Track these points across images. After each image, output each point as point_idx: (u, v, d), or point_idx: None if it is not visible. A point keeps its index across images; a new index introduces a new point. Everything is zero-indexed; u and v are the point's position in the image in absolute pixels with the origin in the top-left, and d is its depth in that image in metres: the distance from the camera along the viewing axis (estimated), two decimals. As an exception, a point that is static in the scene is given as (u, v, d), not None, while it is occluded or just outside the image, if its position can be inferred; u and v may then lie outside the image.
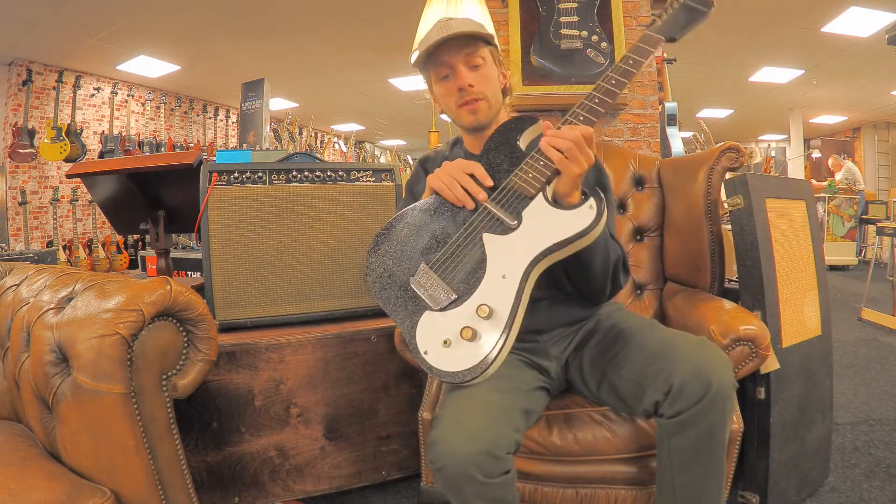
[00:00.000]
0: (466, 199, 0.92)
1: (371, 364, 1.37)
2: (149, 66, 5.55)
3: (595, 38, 1.95)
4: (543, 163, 0.88)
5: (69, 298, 0.92)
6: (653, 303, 1.51)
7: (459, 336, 0.83)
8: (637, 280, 1.53)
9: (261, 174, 1.37)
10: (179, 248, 3.17)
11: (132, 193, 1.67)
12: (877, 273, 4.35)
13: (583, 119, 0.90)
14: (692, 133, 3.30)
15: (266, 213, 1.36)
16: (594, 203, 0.85)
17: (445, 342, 0.84)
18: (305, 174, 1.40)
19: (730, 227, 1.36)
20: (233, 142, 7.23)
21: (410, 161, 6.87)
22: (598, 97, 0.91)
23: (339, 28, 4.80)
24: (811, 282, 1.44)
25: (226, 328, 1.33)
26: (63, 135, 5.16)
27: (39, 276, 1.06)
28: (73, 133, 5.26)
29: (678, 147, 2.62)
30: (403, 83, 6.56)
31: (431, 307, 0.87)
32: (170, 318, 0.89)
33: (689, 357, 0.86)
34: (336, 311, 1.42)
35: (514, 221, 0.88)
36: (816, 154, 9.10)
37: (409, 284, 0.91)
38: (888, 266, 4.59)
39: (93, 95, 5.68)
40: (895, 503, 1.37)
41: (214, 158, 2.16)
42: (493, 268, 0.86)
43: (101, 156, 5.38)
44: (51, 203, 4.99)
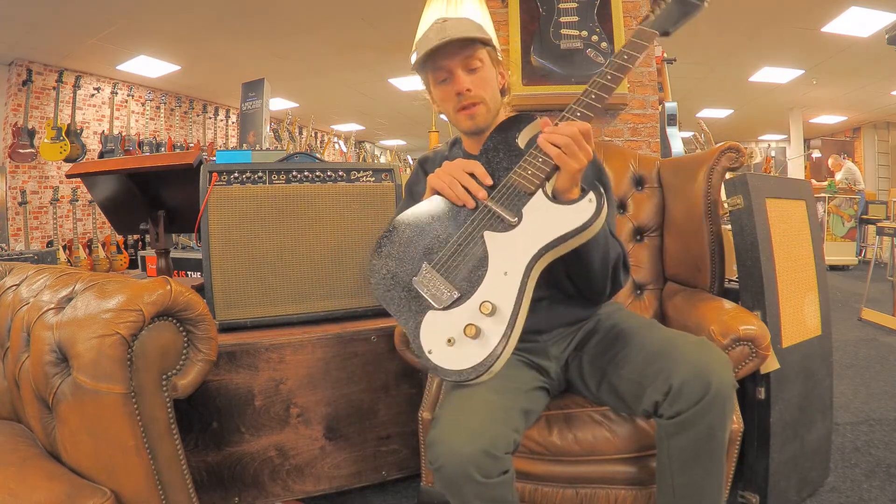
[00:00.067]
0: (467, 198, 0.93)
1: (371, 364, 1.37)
2: (149, 66, 5.55)
3: (595, 38, 1.95)
4: (542, 159, 0.88)
5: (69, 298, 0.92)
6: (653, 303, 1.51)
7: (463, 334, 0.83)
8: (637, 280, 1.53)
9: (261, 174, 1.37)
10: (179, 248, 3.17)
11: (132, 193, 1.67)
12: (877, 273, 4.35)
13: (580, 115, 0.90)
14: (692, 133, 3.31)
15: (266, 213, 1.36)
16: (594, 197, 0.85)
17: (449, 340, 0.83)
18: (305, 174, 1.40)
19: (730, 227, 1.36)
20: (233, 142, 7.23)
21: (410, 161, 6.87)
22: (595, 93, 0.91)
23: (339, 28, 4.80)
24: (811, 282, 1.44)
25: (226, 328, 1.33)
26: (63, 135, 5.16)
27: (39, 276, 1.06)
28: (73, 133, 5.26)
29: (678, 147, 2.62)
30: (403, 83, 6.55)
31: (435, 306, 0.87)
32: (170, 318, 0.89)
33: (689, 357, 0.86)
34: (336, 311, 1.42)
35: (515, 218, 0.88)
36: (816, 154, 9.10)
37: (413, 285, 0.91)
38: (888, 266, 4.59)
39: (93, 95, 5.68)
40: (895, 503, 1.37)
41: (214, 158, 2.16)
42: (495, 265, 0.86)
43: (101, 156, 5.38)
44: (51, 203, 4.99)
